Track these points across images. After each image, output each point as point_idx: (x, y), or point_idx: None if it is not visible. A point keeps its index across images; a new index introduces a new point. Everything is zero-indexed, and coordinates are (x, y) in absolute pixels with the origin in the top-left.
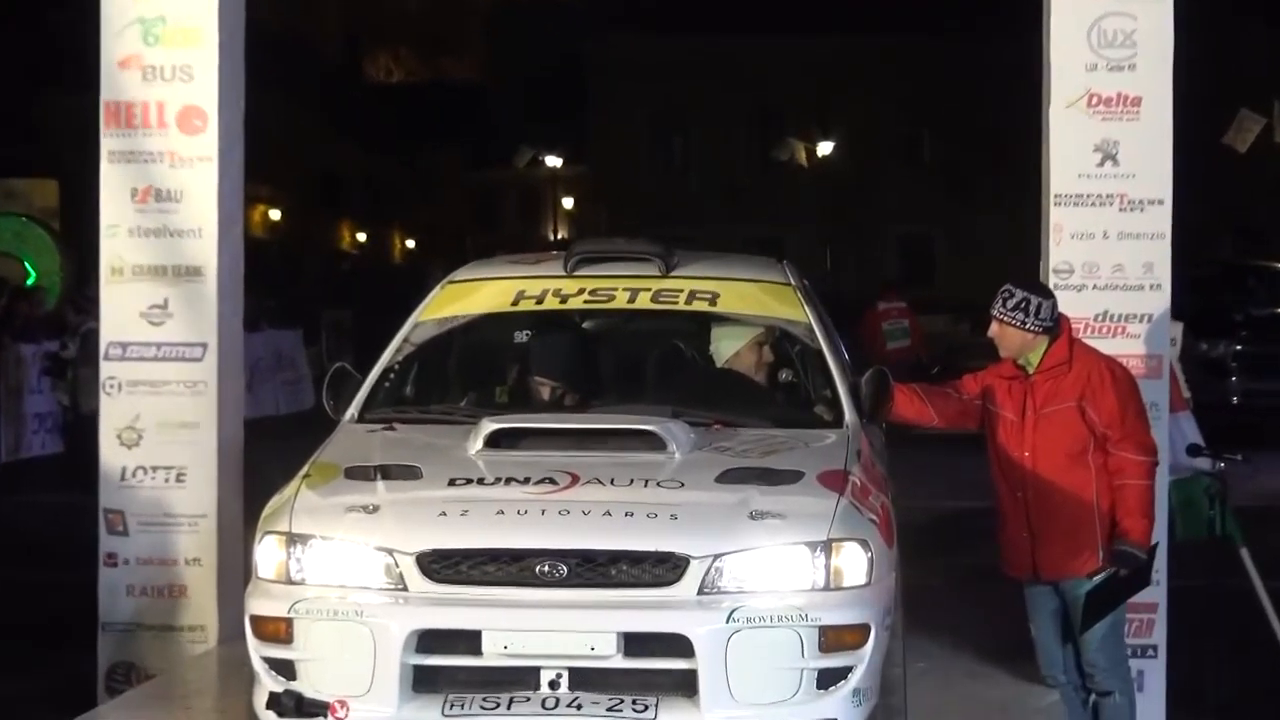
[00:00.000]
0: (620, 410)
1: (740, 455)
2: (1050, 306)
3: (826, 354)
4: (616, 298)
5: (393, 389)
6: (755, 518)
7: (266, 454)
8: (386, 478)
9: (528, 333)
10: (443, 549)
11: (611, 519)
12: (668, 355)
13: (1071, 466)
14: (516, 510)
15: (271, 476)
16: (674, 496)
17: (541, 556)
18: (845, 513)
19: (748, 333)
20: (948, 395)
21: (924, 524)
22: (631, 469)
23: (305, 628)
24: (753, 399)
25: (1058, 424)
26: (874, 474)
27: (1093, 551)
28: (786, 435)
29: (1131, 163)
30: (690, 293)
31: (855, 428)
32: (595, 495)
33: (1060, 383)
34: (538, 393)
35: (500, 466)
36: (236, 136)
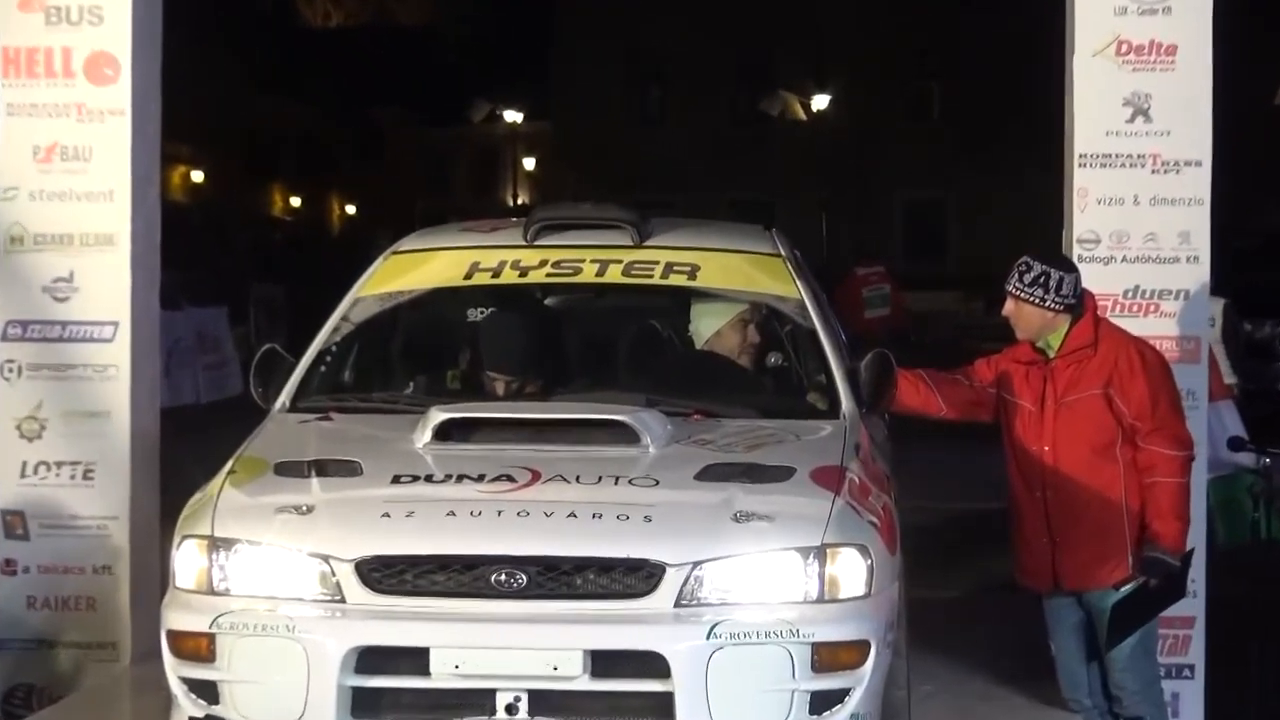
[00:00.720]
0: (587, 398)
1: (723, 449)
2: (1073, 281)
3: (821, 334)
4: (583, 271)
5: (329, 374)
6: (740, 520)
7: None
8: (322, 474)
9: (482, 310)
10: (385, 555)
11: (577, 521)
12: (641, 336)
13: (1097, 462)
14: (469, 511)
15: (192, 473)
16: (648, 496)
17: (497, 564)
18: (842, 515)
19: (731, 310)
20: (958, 383)
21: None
22: (600, 465)
23: (229, 645)
24: (737, 385)
25: (1081, 414)
26: (874, 471)
27: (1121, 558)
28: (775, 427)
29: (1166, 119)
30: (667, 265)
31: (853, 418)
32: (558, 494)
33: (1084, 368)
34: (491, 388)
35: (451, 462)
36: (153, 87)
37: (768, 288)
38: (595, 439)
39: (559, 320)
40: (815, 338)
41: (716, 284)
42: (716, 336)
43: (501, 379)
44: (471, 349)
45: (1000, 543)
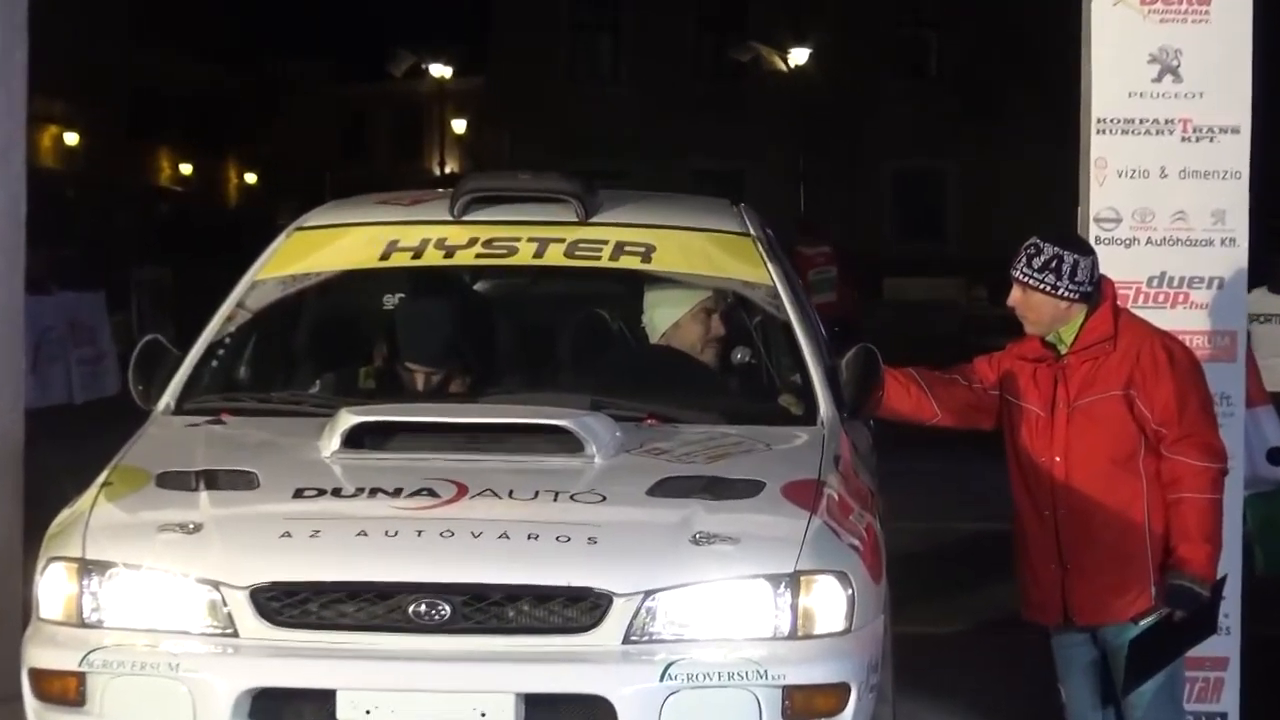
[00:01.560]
0: (523, 399)
1: (681, 460)
2: (1089, 266)
3: (796, 327)
4: (519, 251)
5: (222, 370)
6: (700, 542)
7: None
8: (212, 487)
9: (401, 296)
10: (286, 582)
11: (510, 543)
12: (586, 327)
13: (1116, 475)
14: (384, 531)
15: (61, 485)
16: (592, 514)
17: (417, 593)
18: (819, 537)
19: (692, 298)
20: (954, 384)
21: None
22: (537, 478)
23: (102, 686)
24: (698, 385)
25: (1098, 419)
26: (857, 486)
27: (1142, 588)
28: (742, 434)
29: (1198, 78)
30: (617, 245)
31: (833, 425)
32: (488, 512)
33: (1101, 365)
34: (410, 381)
35: (363, 473)
36: (16, 34)
37: (735, 272)
38: (532, 447)
39: (490, 308)
40: (789, 331)
41: (675, 267)
42: (675, 329)
43: (421, 371)
44: (388, 341)
45: (1003, 570)
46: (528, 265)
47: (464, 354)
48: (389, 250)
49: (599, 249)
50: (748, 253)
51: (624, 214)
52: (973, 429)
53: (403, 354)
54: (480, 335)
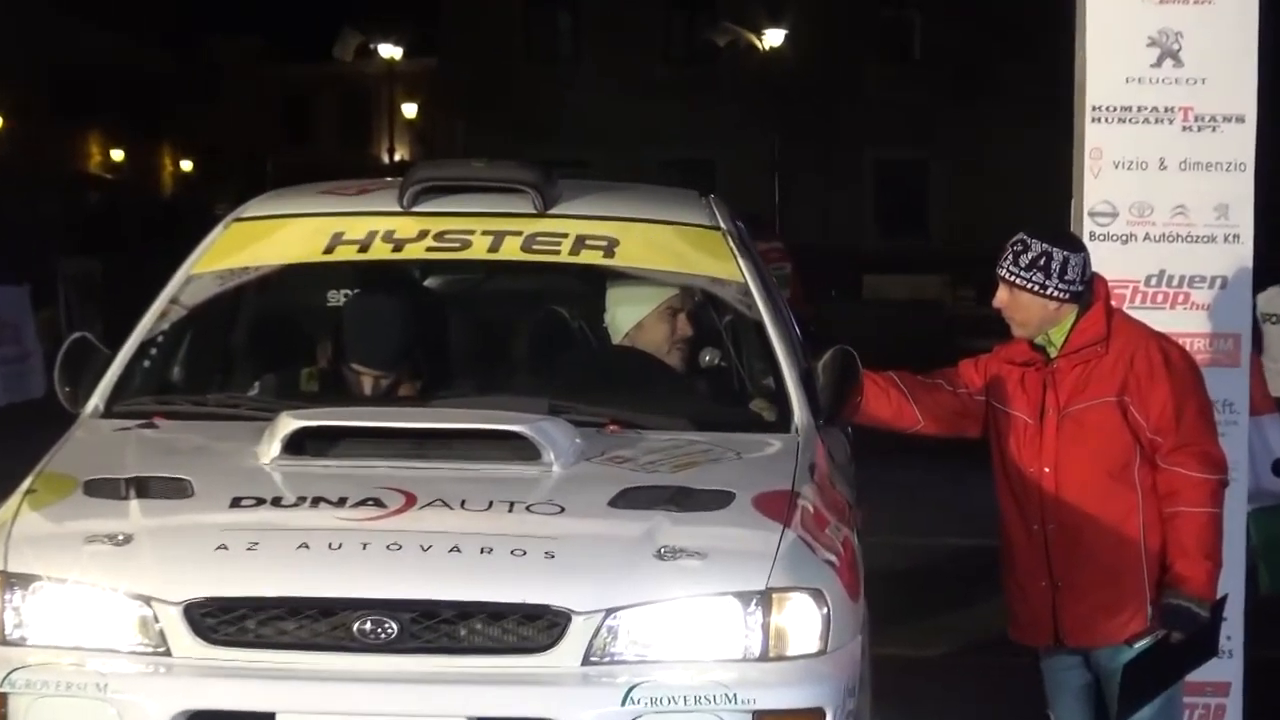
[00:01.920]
0: (476, 404)
1: (645, 469)
2: (1080, 264)
3: (769, 327)
4: (473, 245)
5: (155, 370)
6: (664, 557)
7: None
8: (143, 495)
9: (347, 293)
10: (222, 597)
11: (461, 557)
12: (544, 326)
13: (1109, 487)
14: (327, 543)
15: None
16: (550, 526)
17: (362, 609)
18: (792, 551)
19: (658, 296)
20: (938, 389)
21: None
22: (491, 487)
23: (25, 707)
24: (664, 389)
25: (1089, 427)
26: (833, 498)
27: (1137, 608)
28: (711, 441)
29: (1201, 63)
30: (578, 239)
31: (808, 432)
32: (438, 523)
33: (1093, 369)
34: (357, 384)
35: (305, 481)
36: None
37: (703, 268)
38: (485, 455)
39: (441, 306)
40: (762, 331)
41: (639, 263)
42: (638, 328)
43: (368, 374)
44: (333, 341)
45: (989, 588)
46: (482, 260)
47: (414, 356)
48: (333, 243)
49: (558, 243)
50: (717, 247)
51: (585, 205)
52: (958, 437)
53: (349, 355)
54: (431, 335)
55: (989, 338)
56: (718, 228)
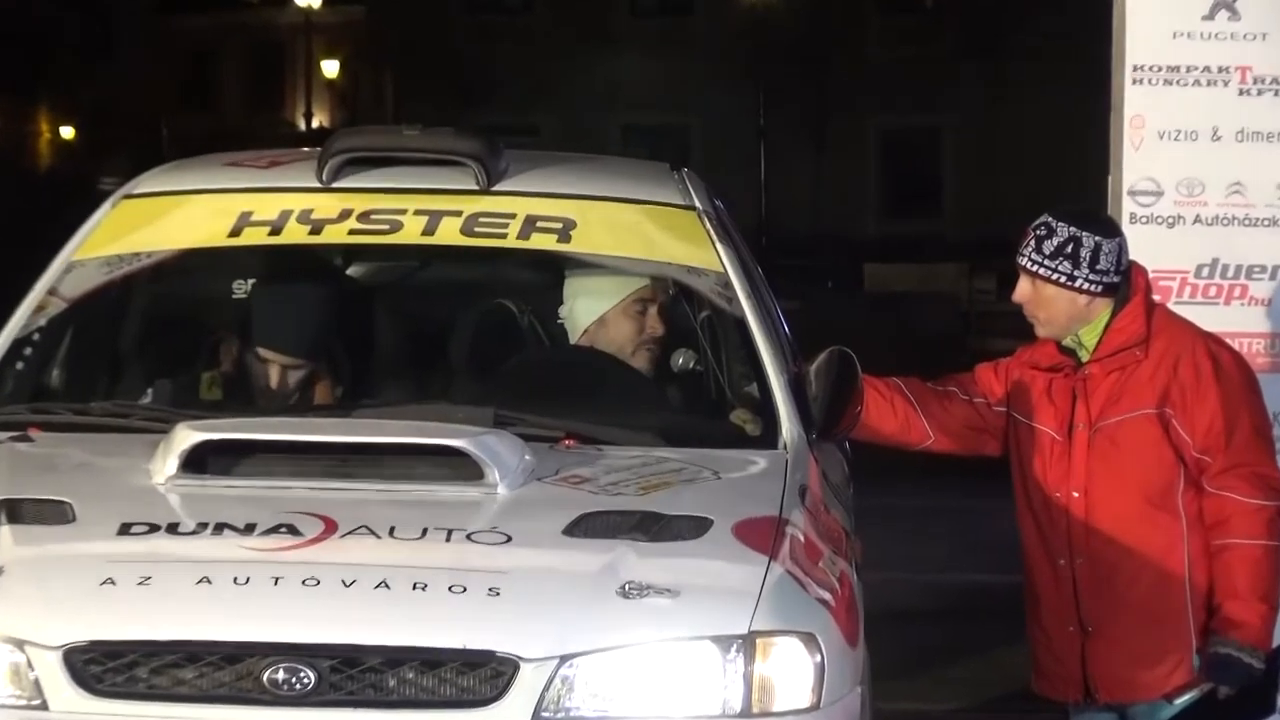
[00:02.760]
0: (408, 414)
1: (606, 491)
2: (1115, 251)
3: (752, 324)
4: (405, 227)
5: (30, 373)
6: (629, 595)
7: None
8: (15, 521)
9: (255, 283)
10: (108, 641)
11: (390, 594)
12: (488, 323)
13: (1149, 515)
14: (231, 577)
15: None
16: (495, 558)
17: (274, 655)
18: (780, 588)
19: (623, 287)
20: (951, 398)
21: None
22: (425, 511)
23: None
24: (629, 397)
25: (1126, 444)
26: (828, 525)
27: (1180, 657)
28: (684, 459)
29: (1261, 14)
30: (528, 220)
31: (799, 448)
32: (364, 554)
33: (1131, 376)
34: (263, 374)
35: (206, 504)
36: None
37: (676, 254)
38: (419, 474)
39: (367, 298)
40: (745, 329)
41: (600, 248)
42: (600, 325)
43: (277, 361)
44: (240, 338)
45: (1010, 632)
46: (415, 245)
47: (334, 354)
48: (240, 225)
49: (505, 225)
50: (692, 230)
51: (537, 181)
52: (974, 455)
53: (256, 338)
54: (354, 331)
55: (1012, 338)
56: (692, 207)
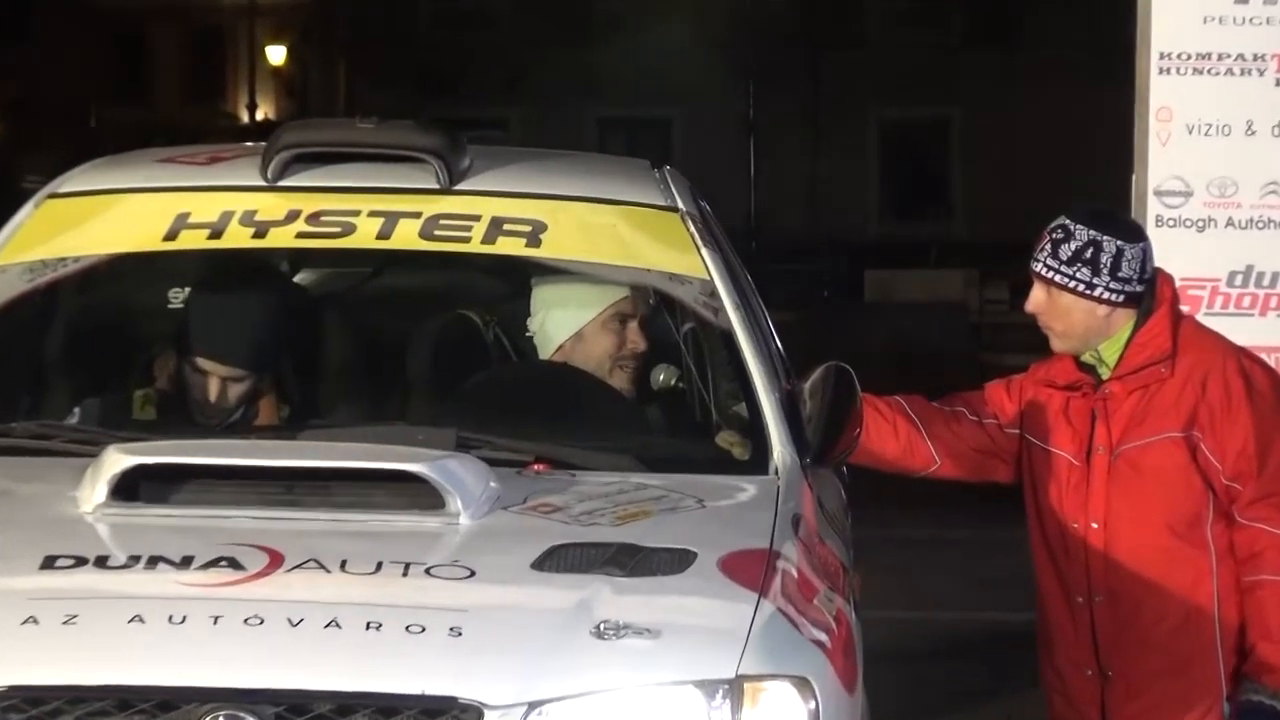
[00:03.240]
0: (361, 435)
1: (580, 521)
2: (1139, 257)
3: (740, 337)
4: (358, 230)
5: None
6: (605, 635)
7: None
8: None
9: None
10: (30, 686)
11: (342, 635)
12: (450, 336)
13: (1175, 548)
14: (167, 616)
15: None
16: (457, 595)
17: (214, 702)
18: (770, 628)
19: (600, 298)
20: (959, 419)
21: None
22: (380, 543)
23: None
24: (606, 418)
25: (1150, 470)
26: (824, 559)
27: (1210, 704)
28: (665, 486)
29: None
30: (493, 222)
31: (792, 474)
32: (313, 590)
33: (1156, 396)
34: (201, 388)
35: (139, 535)
36: None
37: (656, 261)
38: (373, 501)
39: (317, 308)
40: (732, 343)
41: (574, 254)
42: (576, 340)
43: (218, 373)
44: (176, 352)
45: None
46: (369, 250)
47: (281, 369)
48: (177, 227)
49: (468, 228)
50: (674, 234)
51: (504, 179)
52: (983, 482)
53: (194, 346)
54: (302, 344)
55: (1027, 353)
56: (675, 208)
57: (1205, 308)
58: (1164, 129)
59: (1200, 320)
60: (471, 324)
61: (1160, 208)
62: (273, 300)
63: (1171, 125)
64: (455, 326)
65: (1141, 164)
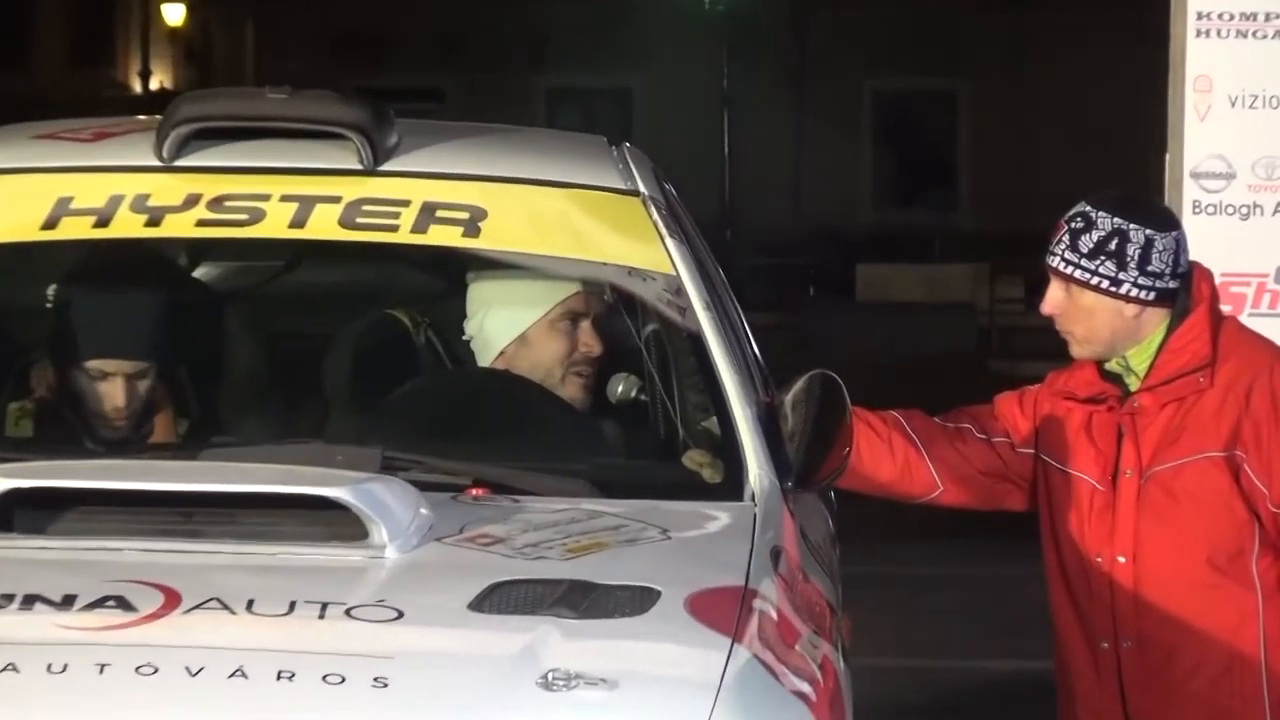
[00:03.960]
0: (271, 455)
1: (525, 554)
2: (1171, 249)
3: (711, 342)
4: (268, 218)
5: None
6: (553, 686)
7: None
8: None
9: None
10: None
11: (249, 686)
12: (375, 340)
13: (1215, 585)
14: (46, 664)
15: None
16: (382, 640)
17: None
18: (745, 678)
19: (549, 295)
20: (965, 438)
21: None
22: (293, 580)
23: None
24: (555, 435)
25: (1186, 496)
26: (807, 597)
27: None
28: (624, 514)
29: None
30: (425, 208)
31: (770, 500)
32: (215, 634)
33: (1193, 409)
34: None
35: (14, 571)
36: None
37: (614, 253)
38: (285, 532)
39: (219, 307)
40: (702, 348)
41: (519, 245)
42: (520, 344)
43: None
44: (54, 358)
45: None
46: (281, 240)
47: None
48: (57, 214)
49: (396, 215)
50: (635, 221)
51: (438, 159)
52: (992, 510)
53: (85, 349)
54: (203, 349)
55: (1044, 360)
56: (636, 192)
57: (1250, 307)
58: (1202, 101)
59: (1243, 322)
60: (400, 326)
61: (1198, 192)
62: (167, 298)
63: (1211, 96)
64: (381, 329)
65: (1176, 142)
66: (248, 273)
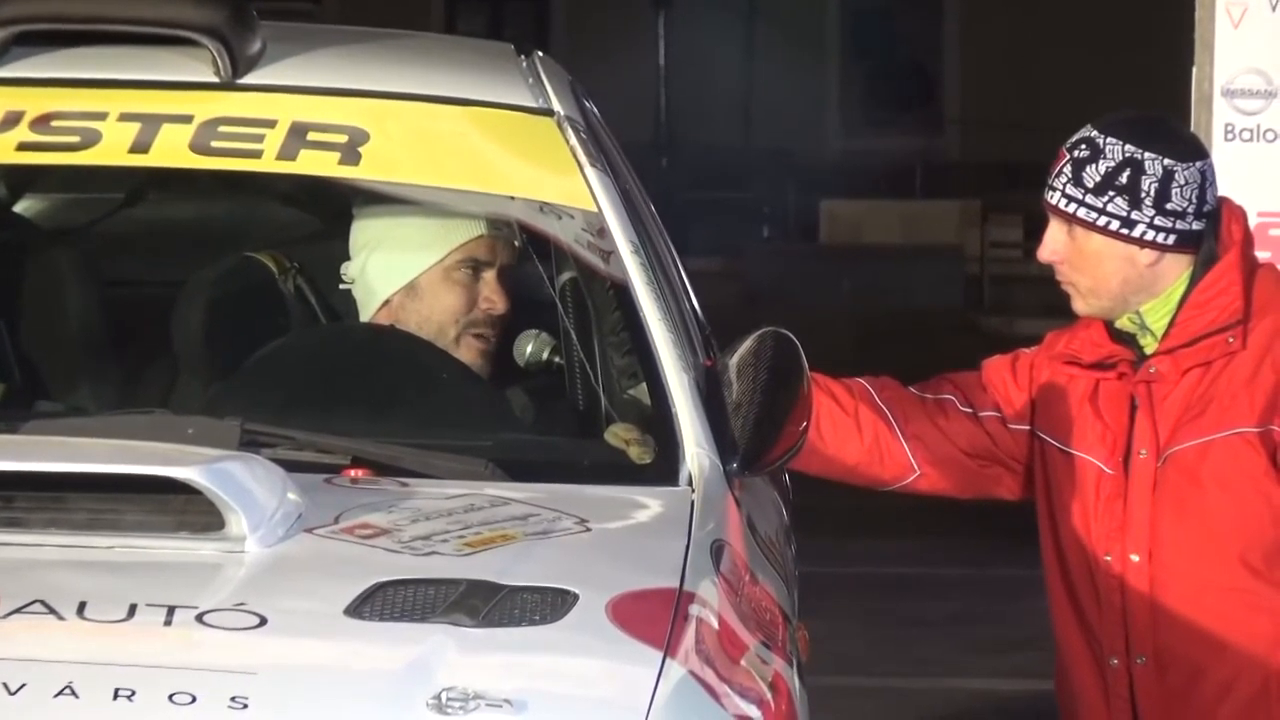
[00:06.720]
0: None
1: (413, 549)
2: (1195, 182)
3: (640, 296)
4: (105, 139)
5: None
6: (447, 708)
7: None
8: None
9: None
10: None
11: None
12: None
13: (1247, 587)
14: None
15: None
16: (241, 652)
17: None
18: (680, 698)
19: (444, 237)
20: (946, 411)
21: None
22: (133, 579)
23: None
24: (451, 405)
25: (1212, 480)
26: (756, 602)
27: None
28: (534, 500)
29: None
30: (295, 130)
31: (712, 483)
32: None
33: (1222, 376)
34: None
35: None
36: None
37: (523, 186)
38: (125, 521)
39: (48, 248)
40: (629, 300)
41: (407, 176)
42: (408, 293)
43: None
44: None
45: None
46: (120, 166)
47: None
48: None
49: (260, 138)
50: (549, 147)
51: (310, 70)
52: (980, 497)
53: None
54: (27, 299)
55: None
56: (549, 111)
57: None
58: (1236, 5)
59: None
60: (264, 271)
61: (1231, 113)
62: None
63: (1246, 2)
64: (241, 275)
65: (1205, 52)
66: (80, 207)
